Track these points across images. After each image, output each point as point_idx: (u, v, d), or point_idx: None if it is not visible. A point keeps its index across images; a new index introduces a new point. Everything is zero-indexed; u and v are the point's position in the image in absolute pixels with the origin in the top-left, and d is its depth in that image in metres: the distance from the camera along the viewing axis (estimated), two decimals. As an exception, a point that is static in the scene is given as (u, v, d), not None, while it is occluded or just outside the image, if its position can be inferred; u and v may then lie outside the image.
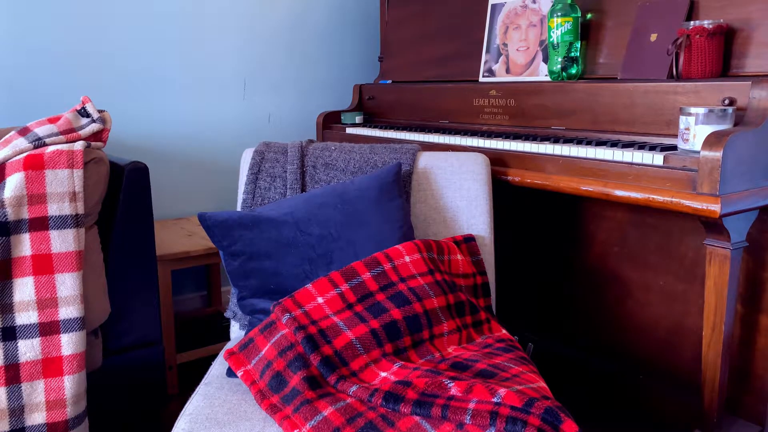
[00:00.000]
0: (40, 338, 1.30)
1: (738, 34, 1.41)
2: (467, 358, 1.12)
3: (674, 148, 1.37)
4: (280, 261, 1.30)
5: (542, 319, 1.91)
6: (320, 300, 1.16)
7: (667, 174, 1.31)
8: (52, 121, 1.48)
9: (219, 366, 1.27)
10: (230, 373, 1.20)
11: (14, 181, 1.32)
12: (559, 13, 1.71)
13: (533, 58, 1.85)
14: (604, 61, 1.69)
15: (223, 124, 2.53)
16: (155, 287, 1.60)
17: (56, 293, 1.32)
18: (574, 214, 1.76)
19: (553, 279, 1.85)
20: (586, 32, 1.73)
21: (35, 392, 1.29)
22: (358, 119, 2.41)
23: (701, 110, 1.29)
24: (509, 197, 1.90)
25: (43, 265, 1.31)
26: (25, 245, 1.31)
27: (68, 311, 1.33)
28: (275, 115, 2.68)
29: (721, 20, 1.43)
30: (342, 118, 2.44)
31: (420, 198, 1.51)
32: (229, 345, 1.35)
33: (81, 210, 1.36)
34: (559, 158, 1.54)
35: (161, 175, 2.36)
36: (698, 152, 1.28)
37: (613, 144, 1.48)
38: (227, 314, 1.46)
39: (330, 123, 2.49)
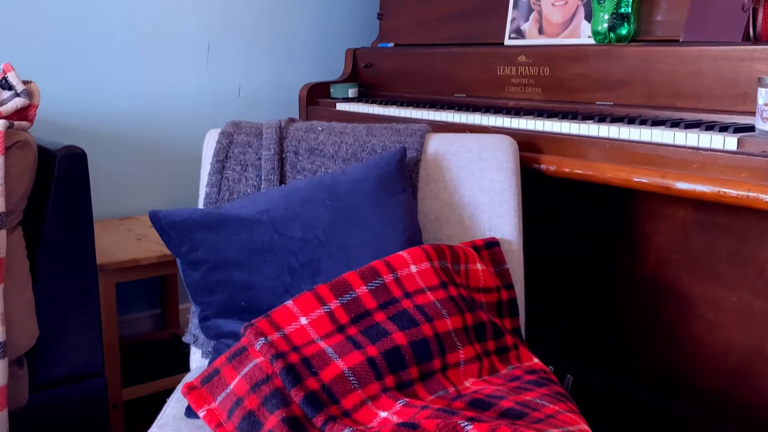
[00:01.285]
0: (-51, 369, 1.30)
1: (832, -15, 1.41)
2: (489, 393, 1.12)
3: (751, 128, 1.37)
4: (253, 271, 1.30)
5: (583, 345, 1.91)
6: (304, 321, 1.16)
7: (742, 161, 1.30)
8: (-36, 94, 1.47)
9: (176, 404, 1.27)
10: (190, 412, 1.20)
11: None
12: (605, -41, 1.71)
13: (573, 16, 1.85)
14: (662, 19, 1.69)
15: (181, 98, 2.52)
16: (96, 304, 1.60)
17: (-30, 312, 1.32)
18: (624, 212, 1.76)
19: (597, 294, 1.85)
20: (640, -18, 1.73)
21: (-56, 437, 1.29)
22: (351, 92, 2.41)
23: (785, 81, 1.29)
24: (540, 190, 1.90)
25: (-46, 277, 1.31)
26: (-70, 251, 1.31)
27: (-15, 335, 1.32)
28: (247, 88, 2.67)
29: (811, -33, 1.42)
30: (331, 91, 2.44)
31: (430, 192, 1.51)
32: (188, 377, 1.35)
33: (1, 207, 1.36)
34: (606, 141, 1.54)
35: (103, 163, 2.36)
36: (781, 134, 1.28)
37: (674, 124, 1.48)
38: (186, 339, 1.47)
39: (316, 97, 2.48)
